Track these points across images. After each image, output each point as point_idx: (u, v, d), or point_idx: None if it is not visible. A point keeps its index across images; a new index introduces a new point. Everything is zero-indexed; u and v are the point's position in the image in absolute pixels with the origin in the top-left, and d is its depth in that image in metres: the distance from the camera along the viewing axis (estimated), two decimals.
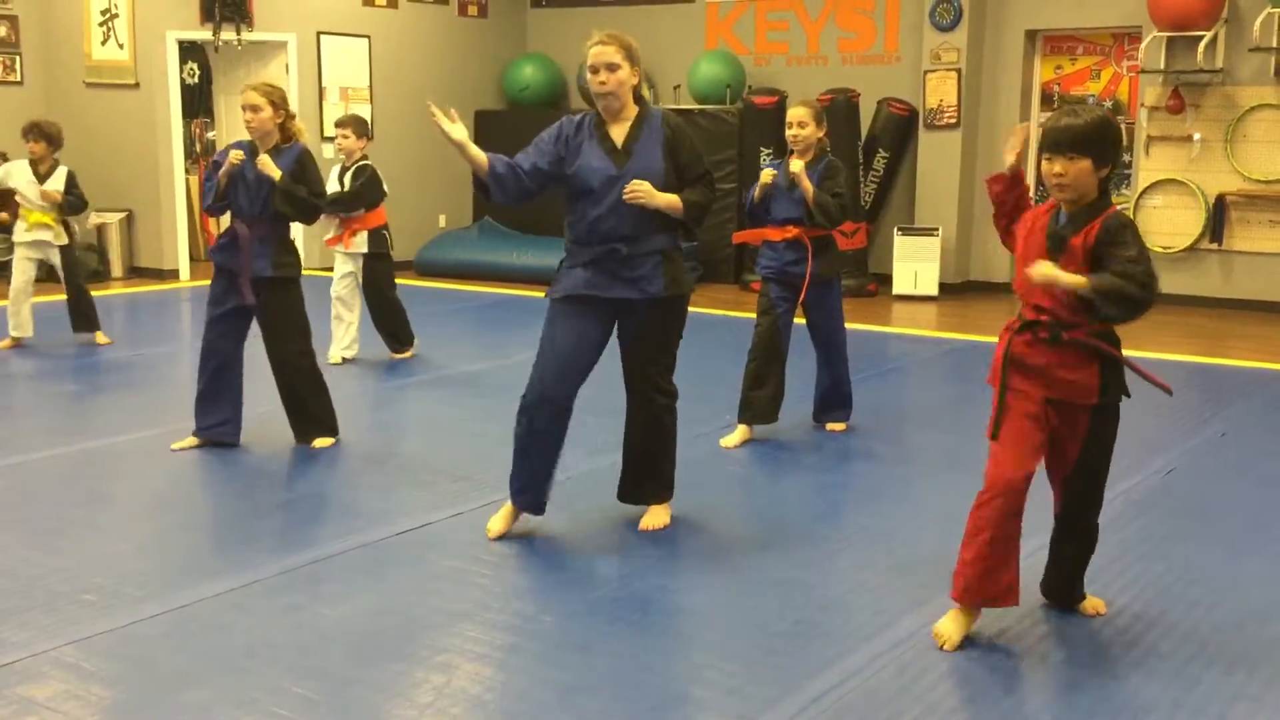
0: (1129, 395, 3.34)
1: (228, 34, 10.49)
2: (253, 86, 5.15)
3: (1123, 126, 3.10)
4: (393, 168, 10.26)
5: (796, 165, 5.30)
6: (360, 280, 7.10)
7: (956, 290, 10.34)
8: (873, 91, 10.62)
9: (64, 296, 7.71)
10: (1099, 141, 3.10)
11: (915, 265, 10.22)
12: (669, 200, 3.98)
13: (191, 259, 11.12)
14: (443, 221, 12.07)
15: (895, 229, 10.37)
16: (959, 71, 10.22)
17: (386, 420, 6.23)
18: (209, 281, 5.33)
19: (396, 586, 3.79)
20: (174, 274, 10.83)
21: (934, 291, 10.17)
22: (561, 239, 4.25)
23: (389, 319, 7.25)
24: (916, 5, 10.53)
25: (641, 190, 3.92)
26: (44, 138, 7.46)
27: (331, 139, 6.88)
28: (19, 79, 10.94)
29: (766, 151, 10.68)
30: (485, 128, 12.27)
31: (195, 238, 11.67)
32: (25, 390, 6.79)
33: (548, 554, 4.12)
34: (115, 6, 10.54)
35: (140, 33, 10.47)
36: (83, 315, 7.67)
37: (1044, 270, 3.12)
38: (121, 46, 10.61)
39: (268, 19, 10.66)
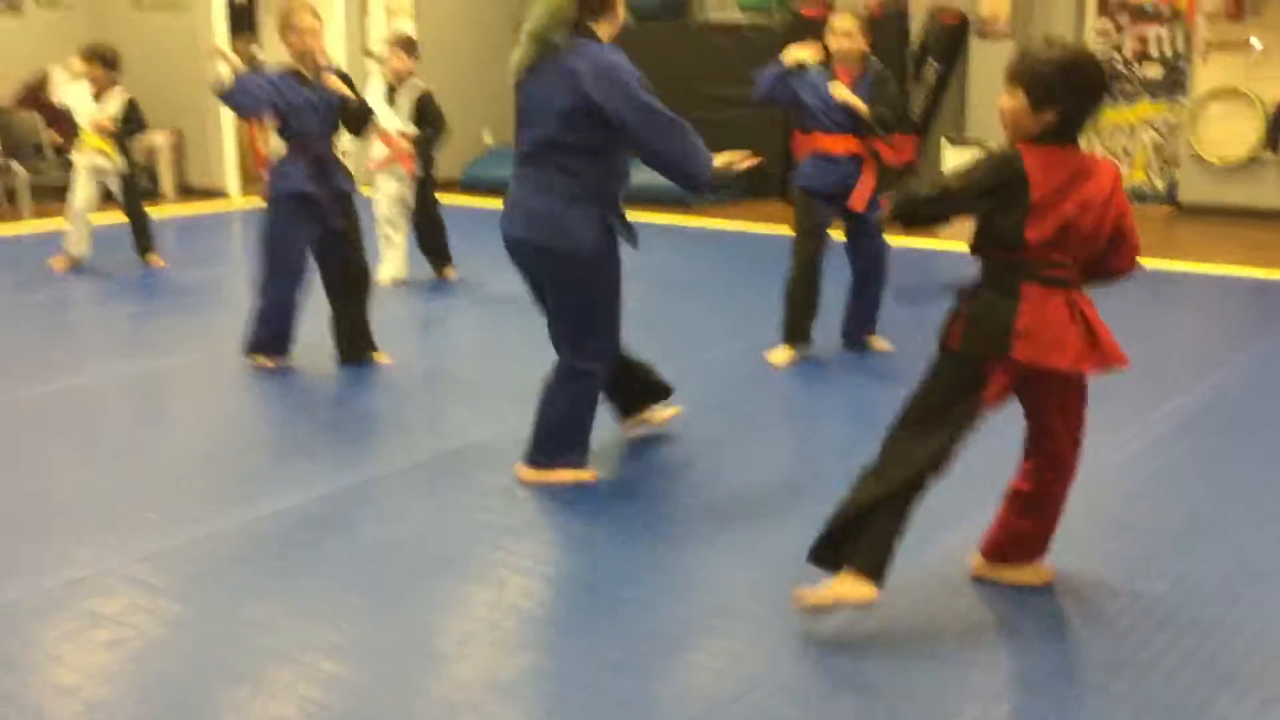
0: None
1: None
2: (306, 7, 5.11)
3: (1101, 76, 2.83)
4: (437, 83, 10.20)
5: (840, 91, 5.16)
6: (409, 200, 7.11)
7: None
8: (923, 0, 10.40)
9: (121, 219, 7.78)
10: (1041, 75, 2.75)
11: None
12: None
13: (243, 179, 11.18)
14: (488, 138, 12.03)
15: (944, 139, 10.22)
16: None
17: (435, 340, 6.30)
18: (260, 201, 5.36)
19: (449, 503, 3.87)
20: (223, 194, 10.91)
21: None
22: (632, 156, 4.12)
23: (434, 238, 7.27)
24: None
25: None
26: (101, 61, 7.43)
27: (371, 54, 6.81)
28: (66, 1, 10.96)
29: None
30: None
31: (245, 158, 11.73)
32: (84, 311, 6.91)
33: (598, 471, 4.18)
34: None
35: None
36: (141, 238, 7.71)
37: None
38: None
39: None
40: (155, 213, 10.10)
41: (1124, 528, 3.67)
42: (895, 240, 5.71)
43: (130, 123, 7.52)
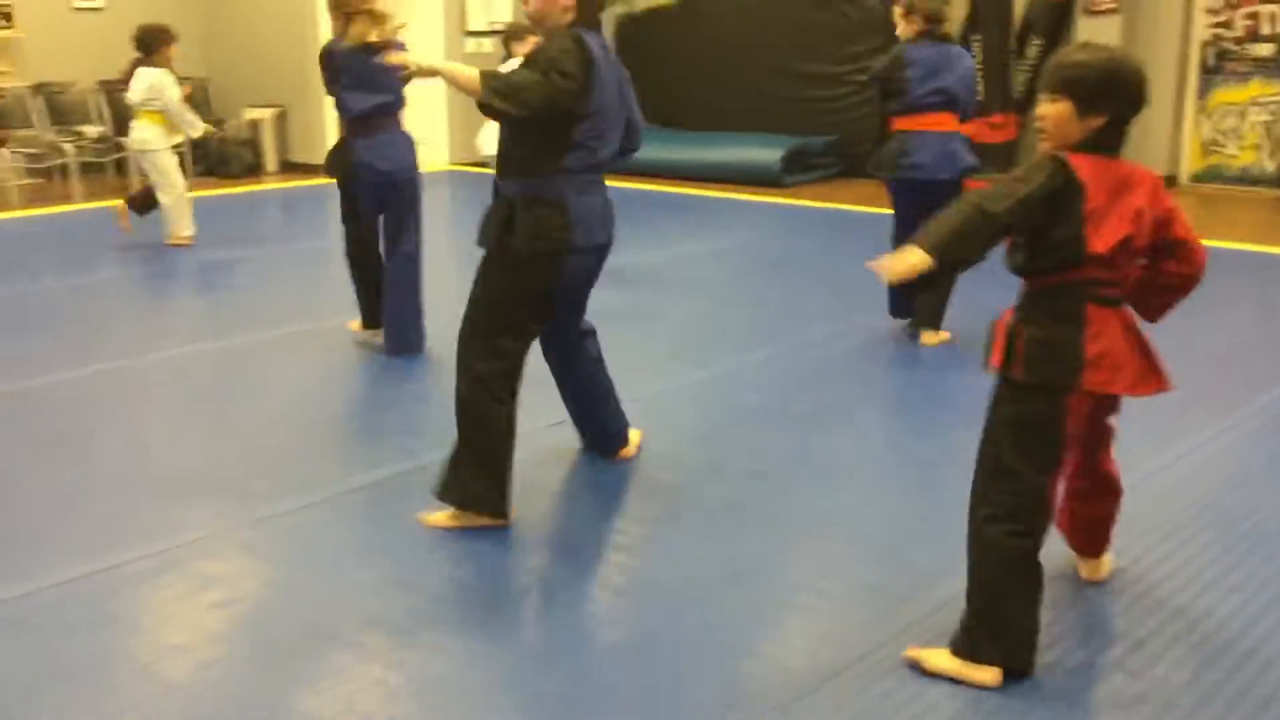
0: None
1: None
2: None
3: (1144, 83, 2.64)
4: None
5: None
6: None
7: None
8: None
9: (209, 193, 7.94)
10: (1088, 81, 2.60)
11: None
12: (456, 74, 3.35)
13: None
14: None
15: None
16: None
17: None
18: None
19: (540, 476, 3.92)
20: (317, 169, 11.12)
21: None
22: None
23: None
24: None
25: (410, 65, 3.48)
26: (137, 44, 7.62)
27: (476, 34, 6.83)
28: None
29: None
30: (626, 27, 12.19)
31: None
32: (180, 285, 7.11)
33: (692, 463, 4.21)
34: None
35: None
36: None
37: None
38: None
39: None
40: (258, 187, 10.36)
41: (1218, 514, 3.62)
42: None
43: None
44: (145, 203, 7.76)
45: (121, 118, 10.46)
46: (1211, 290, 3.07)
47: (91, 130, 9.94)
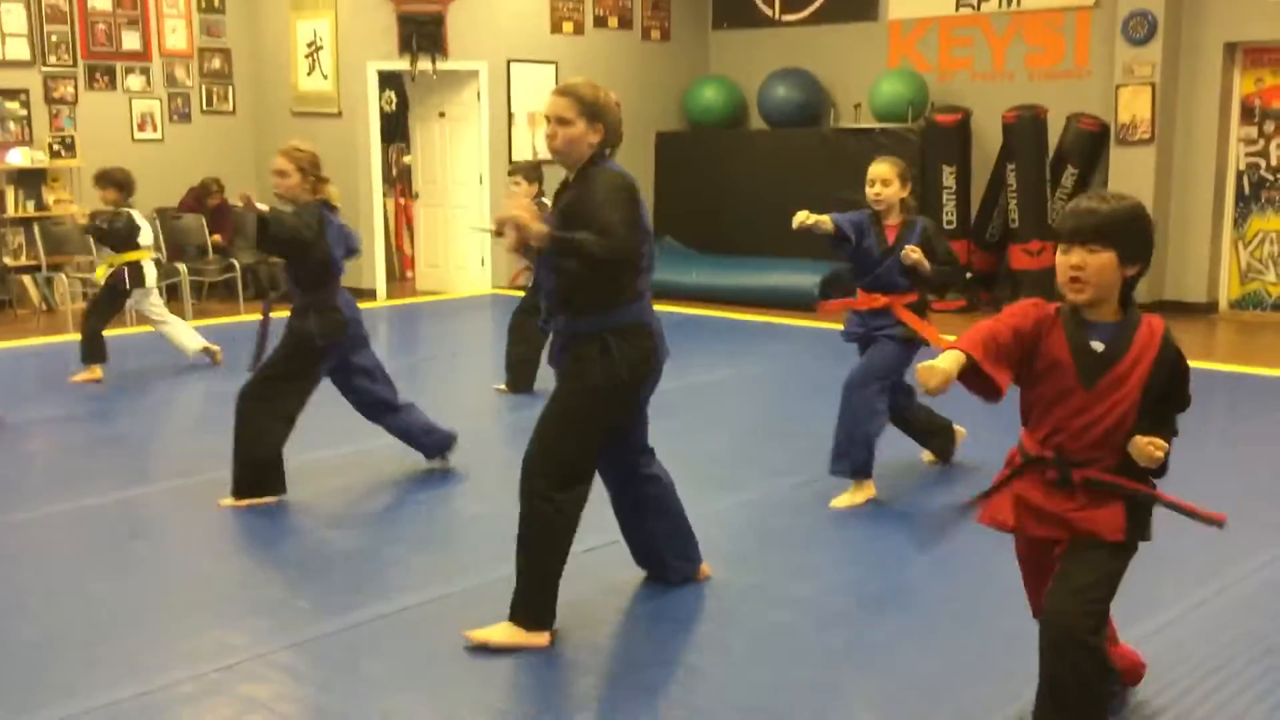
0: (1148, 539, 2.84)
1: (423, 64, 10.96)
2: (281, 149, 5.03)
3: (1152, 223, 2.70)
4: None
5: (914, 255, 4.83)
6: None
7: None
8: (1061, 107, 10.40)
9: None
10: (1125, 230, 2.62)
11: None
12: (539, 231, 3.39)
13: (388, 278, 11.62)
14: None
15: None
16: (1153, 85, 9.92)
17: None
18: (404, 300, 5.56)
19: (582, 599, 3.92)
20: (371, 294, 11.34)
21: None
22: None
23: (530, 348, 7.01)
24: (1108, 19, 10.27)
25: (511, 220, 3.41)
26: (112, 185, 7.60)
27: (512, 174, 7.00)
28: (231, 109, 11.64)
29: (949, 170, 10.58)
30: (666, 149, 12.48)
31: (391, 257, 12.20)
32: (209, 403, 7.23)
33: (726, 581, 4.21)
34: (320, 39, 11.13)
35: (343, 64, 11.02)
36: (86, 349, 7.50)
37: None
38: (325, 77, 11.18)
39: (461, 49, 11.09)
40: None
41: (1265, 650, 3.57)
42: None
43: (112, 232, 7.55)
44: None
45: (177, 244, 10.79)
46: (1255, 419, 3.08)
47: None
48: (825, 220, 4.92)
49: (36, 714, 3.17)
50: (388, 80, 11.91)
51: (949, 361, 2.60)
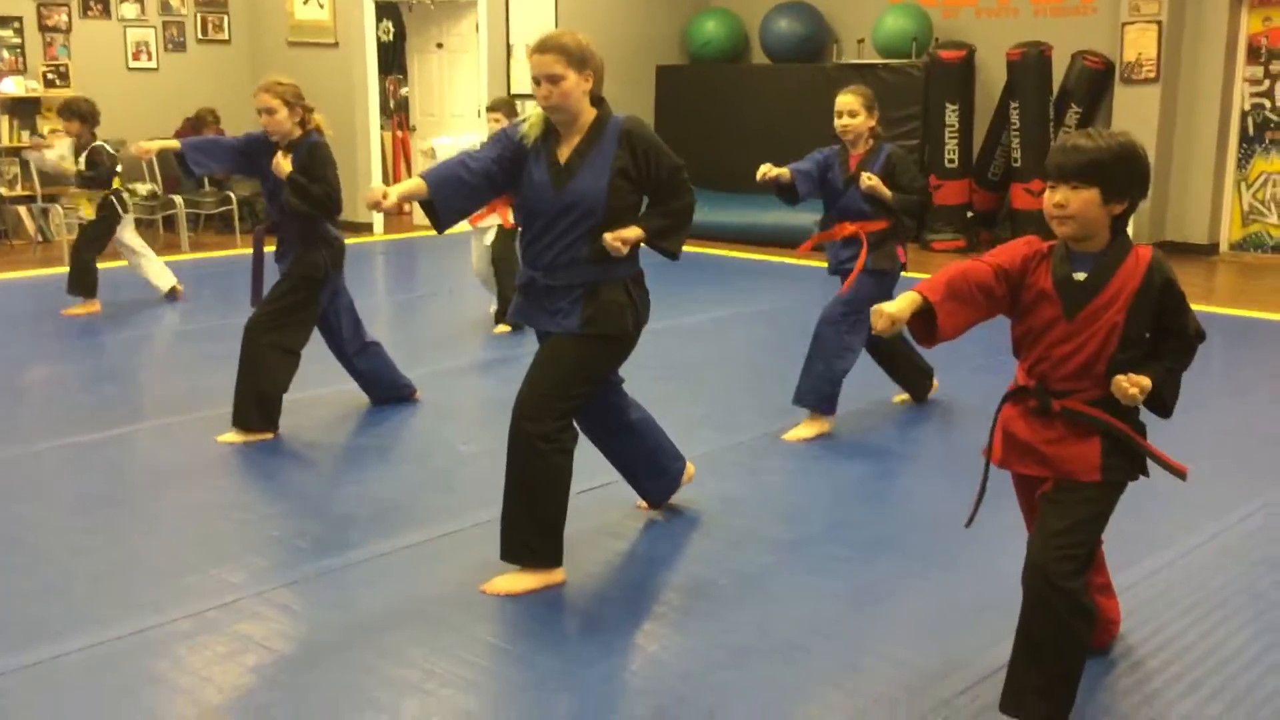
0: (1145, 475, 2.83)
1: None
2: (264, 86, 4.96)
3: (1148, 162, 2.72)
4: None
5: (869, 181, 4.88)
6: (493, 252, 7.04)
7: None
8: (1066, 44, 10.29)
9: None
10: (1110, 168, 2.64)
11: None
12: (637, 235, 3.52)
13: (385, 211, 11.55)
14: None
15: None
16: (1160, 23, 9.80)
17: None
18: (401, 234, 5.54)
19: (575, 541, 3.94)
20: (368, 227, 11.28)
21: None
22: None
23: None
24: None
25: (619, 241, 3.49)
26: (76, 116, 7.54)
27: (492, 110, 6.90)
28: (226, 38, 11.51)
29: (952, 108, 10.48)
30: (667, 83, 12.36)
31: None
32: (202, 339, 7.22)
33: (721, 519, 4.23)
34: None
35: None
36: (78, 280, 7.51)
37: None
38: (322, 6, 11.04)
39: None
40: None
41: (1254, 596, 3.59)
42: None
43: (94, 169, 7.46)
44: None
45: (172, 176, 10.71)
46: (1253, 363, 3.07)
47: (142, 188, 10.15)
48: (784, 172, 4.96)
49: (31, 652, 3.19)
50: (385, 10, 11.76)
51: (904, 304, 2.66)
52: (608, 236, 3.48)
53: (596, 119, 3.56)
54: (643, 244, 3.59)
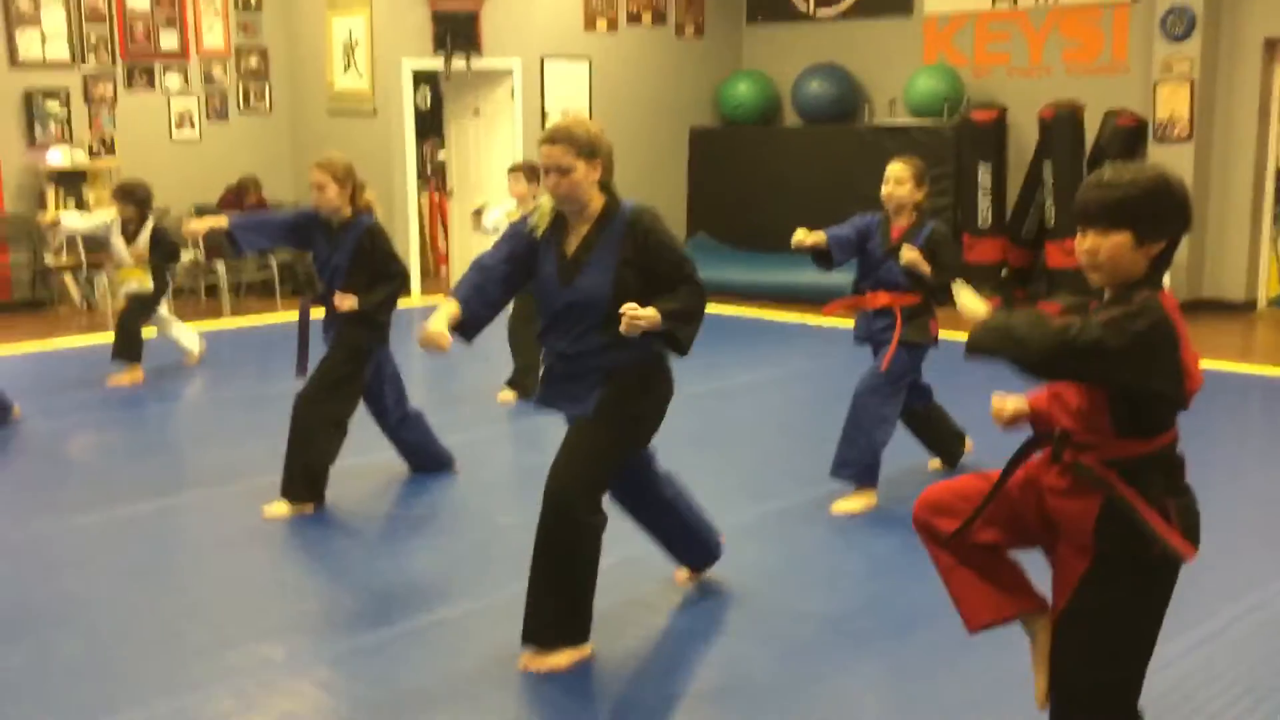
0: (1158, 554, 2.44)
1: (458, 62, 11.01)
2: (317, 163, 5.06)
3: (1186, 193, 2.48)
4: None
5: (910, 254, 4.87)
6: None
7: (1189, 309, 9.86)
8: (1098, 103, 10.31)
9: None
10: (1142, 207, 2.41)
11: None
12: (651, 318, 3.42)
13: (422, 274, 11.69)
14: None
15: None
16: (1192, 82, 9.82)
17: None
18: (438, 297, 5.58)
19: (609, 614, 3.96)
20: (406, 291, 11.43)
21: None
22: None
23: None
24: (1146, 14, 10.17)
25: (634, 320, 3.40)
26: (132, 201, 7.69)
27: (512, 171, 7.01)
28: (268, 107, 11.74)
29: (985, 167, 10.52)
30: (699, 145, 12.48)
31: (426, 254, 12.27)
32: (245, 408, 7.31)
33: (761, 592, 4.23)
34: (356, 37, 11.19)
35: (378, 62, 11.08)
36: (126, 347, 7.64)
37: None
38: (361, 75, 11.25)
39: (495, 46, 11.13)
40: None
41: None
42: None
43: (161, 247, 7.69)
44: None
45: (216, 241, 10.89)
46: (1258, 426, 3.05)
47: (185, 256, 10.33)
48: (820, 238, 4.98)
49: None
50: (422, 77, 11.96)
51: (1019, 402, 2.60)
52: (626, 313, 3.40)
53: (605, 208, 3.58)
54: (656, 331, 3.47)
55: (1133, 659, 2.53)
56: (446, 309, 3.59)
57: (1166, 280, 2.56)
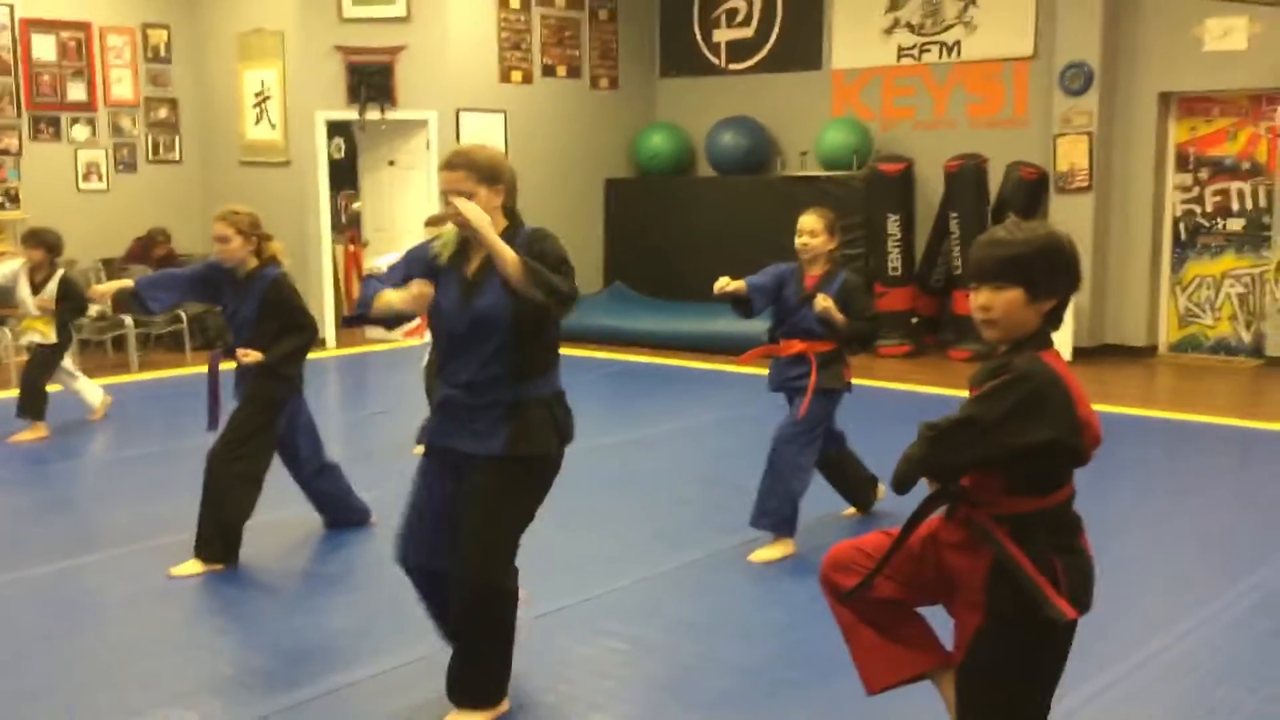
0: (1048, 617, 2.42)
1: (372, 114, 11.00)
2: (219, 215, 5.03)
3: (1076, 252, 2.55)
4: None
5: (824, 303, 4.96)
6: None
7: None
8: (1001, 155, 10.60)
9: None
10: (1033, 265, 2.44)
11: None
12: (500, 246, 3.26)
13: (337, 326, 11.59)
14: None
15: None
16: (1090, 135, 10.15)
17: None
18: (354, 348, 5.57)
19: (532, 674, 3.92)
20: (321, 342, 11.30)
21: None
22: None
23: None
24: (1045, 69, 10.50)
25: (465, 209, 3.27)
26: (42, 245, 7.56)
27: (429, 224, 6.98)
28: (178, 158, 11.62)
29: (894, 218, 10.74)
30: (615, 196, 12.58)
31: (341, 304, 12.16)
32: (152, 464, 7.18)
33: (682, 645, 4.23)
34: (268, 89, 11.14)
35: (291, 113, 11.04)
36: (30, 404, 7.49)
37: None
38: (274, 126, 11.19)
39: (410, 98, 11.13)
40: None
41: (1206, 711, 3.64)
42: None
43: (69, 300, 7.54)
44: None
45: (121, 304, 10.68)
46: (1192, 468, 3.14)
47: (92, 309, 10.13)
48: (740, 286, 5.06)
49: None
50: (336, 128, 11.92)
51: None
52: (467, 206, 3.27)
53: (506, 230, 3.42)
54: (506, 266, 3.27)
55: (1028, 714, 2.55)
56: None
57: (1064, 332, 2.61)
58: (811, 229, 5.14)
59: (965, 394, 2.54)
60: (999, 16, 10.83)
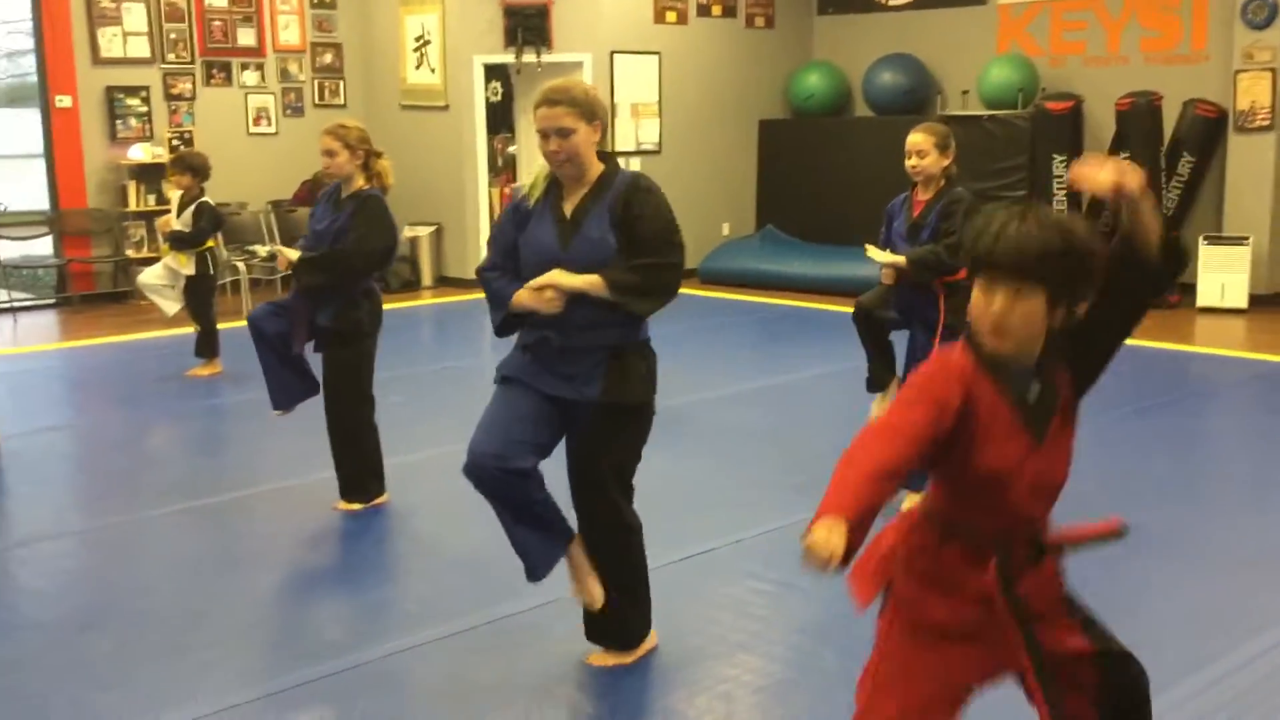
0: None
1: (528, 57, 11.07)
2: (327, 129, 4.90)
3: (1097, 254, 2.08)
4: (679, 177, 10.59)
5: (879, 256, 4.79)
6: None
7: (1268, 303, 9.73)
8: (1177, 93, 10.12)
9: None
10: (1065, 266, 2.04)
11: (1223, 276, 9.68)
12: (588, 281, 3.23)
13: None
14: (726, 230, 12.30)
15: (1201, 238, 9.85)
16: (1273, 71, 9.60)
17: (674, 441, 6.46)
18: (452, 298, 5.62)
19: (680, 614, 3.97)
20: (477, 284, 11.51)
21: (1243, 304, 9.60)
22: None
23: None
24: (1226, 2, 9.95)
25: (553, 283, 3.25)
26: (188, 170, 7.62)
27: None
28: (342, 102, 11.90)
29: (1060, 159, 10.36)
30: (769, 137, 12.44)
31: None
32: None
33: (829, 588, 4.22)
34: (428, 33, 11.31)
35: (450, 57, 11.19)
36: (204, 343, 7.71)
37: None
38: (433, 71, 11.37)
39: (565, 40, 11.17)
40: (415, 302, 10.77)
41: None
42: (1148, 340, 5.52)
43: (194, 228, 7.55)
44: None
45: (291, 235, 11.07)
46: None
47: (262, 250, 10.50)
48: (900, 260, 4.82)
49: (150, 715, 3.32)
50: (493, 71, 12.04)
51: (836, 538, 2.00)
52: (537, 282, 3.24)
53: (604, 174, 3.32)
54: (606, 297, 3.24)
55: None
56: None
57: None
58: (920, 148, 4.75)
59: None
60: None
